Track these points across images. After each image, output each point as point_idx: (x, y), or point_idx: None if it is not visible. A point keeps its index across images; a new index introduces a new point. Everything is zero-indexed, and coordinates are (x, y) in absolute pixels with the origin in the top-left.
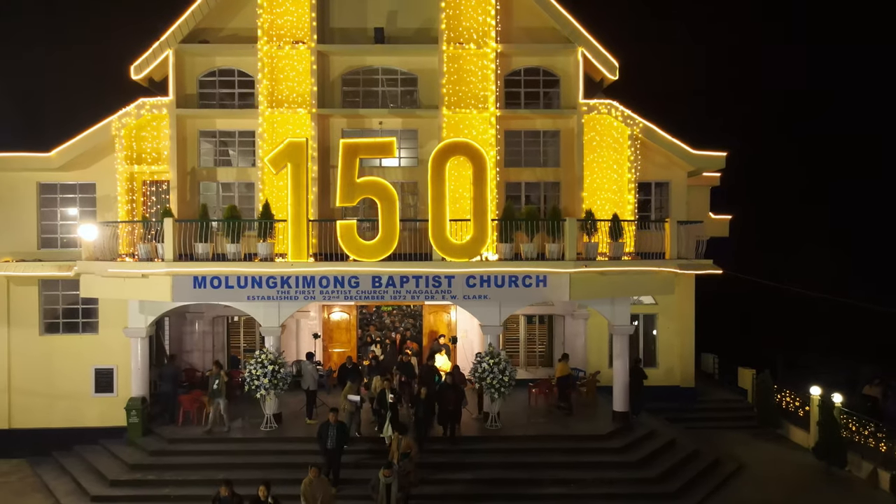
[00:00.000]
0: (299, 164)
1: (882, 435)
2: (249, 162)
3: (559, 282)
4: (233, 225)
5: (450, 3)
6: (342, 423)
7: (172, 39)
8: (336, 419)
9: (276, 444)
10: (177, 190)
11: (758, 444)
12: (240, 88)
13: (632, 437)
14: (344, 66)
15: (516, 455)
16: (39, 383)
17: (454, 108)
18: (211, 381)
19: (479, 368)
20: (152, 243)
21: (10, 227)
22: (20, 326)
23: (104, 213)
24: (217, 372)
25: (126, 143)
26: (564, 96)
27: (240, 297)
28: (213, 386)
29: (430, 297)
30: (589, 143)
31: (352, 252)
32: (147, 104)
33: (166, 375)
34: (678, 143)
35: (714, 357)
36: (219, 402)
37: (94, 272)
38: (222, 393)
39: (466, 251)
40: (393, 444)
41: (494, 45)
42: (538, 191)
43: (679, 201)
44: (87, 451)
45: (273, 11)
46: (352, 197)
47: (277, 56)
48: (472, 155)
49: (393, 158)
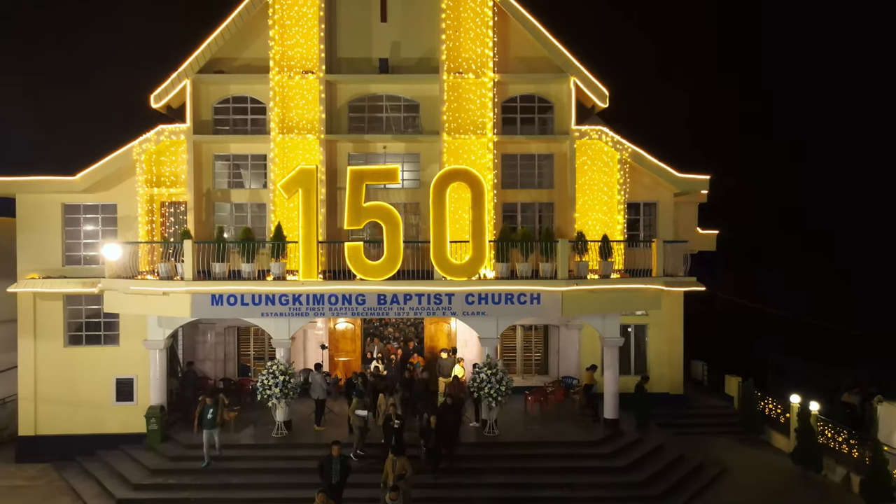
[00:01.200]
0: (310, 190)
1: (854, 442)
2: (261, 184)
3: (552, 299)
4: (248, 246)
5: (450, 36)
6: (345, 456)
7: (190, 70)
8: (339, 452)
9: (287, 450)
10: (193, 211)
11: (741, 449)
12: (252, 115)
13: (621, 443)
14: (350, 93)
15: (514, 461)
16: (64, 392)
17: (454, 134)
18: (205, 411)
19: (478, 379)
20: (172, 262)
21: (37, 245)
22: (46, 339)
23: (124, 232)
24: (213, 402)
25: (146, 167)
26: (558, 122)
27: (254, 313)
28: (208, 416)
29: (431, 313)
30: (581, 166)
31: (358, 272)
32: (166, 131)
33: (188, 382)
34: (664, 166)
35: (703, 364)
36: (212, 433)
37: (118, 289)
38: (216, 425)
39: (466, 271)
40: (388, 465)
41: (492, 75)
42: (533, 210)
43: (666, 220)
44: (110, 456)
45: (284, 43)
46: (359, 220)
47: (288, 85)
48: (471, 181)
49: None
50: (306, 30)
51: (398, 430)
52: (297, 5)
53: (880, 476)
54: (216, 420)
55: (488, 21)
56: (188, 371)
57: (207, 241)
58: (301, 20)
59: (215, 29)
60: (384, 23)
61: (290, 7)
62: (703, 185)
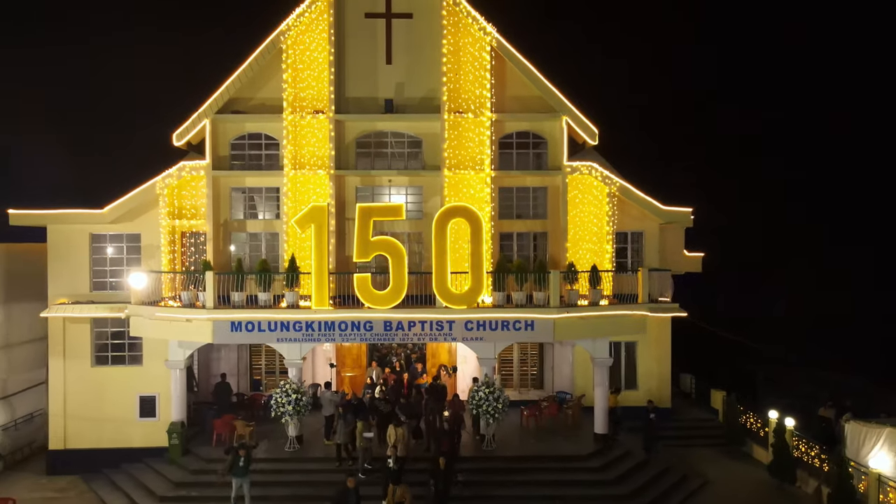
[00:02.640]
0: (321, 225)
1: (825, 456)
2: (274, 214)
3: (545, 325)
4: (264, 276)
5: (450, 78)
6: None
7: (209, 111)
8: (354, 483)
9: (300, 464)
10: (212, 241)
11: (723, 462)
12: (266, 150)
13: (610, 456)
14: (358, 130)
15: (510, 474)
16: (91, 409)
17: (454, 170)
18: (236, 461)
19: (476, 397)
20: (194, 290)
21: (67, 272)
22: (74, 359)
23: (147, 260)
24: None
25: (168, 201)
26: (551, 157)
27: (270, 338)
28: (240, 464)
29: (434, 338)
30: (573, 199)
31: (366, 300)
32: (187, 167)
33: (222, 391)
34: (650, 199)
35: (691, 377)
36: (242, 482)
37: (143, 315)
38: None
39: (465, 300)
40: (388, 494)
41: (490, 115)
42: (528, 239)
43: (652, 249)
44: (134, 469)
45: (296, 85)
46: (367, 253)
47: (300, 124)
48: (470, 217)
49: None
50: (317, 72)
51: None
52: (309, 50)
53: (846, 489)
54: (248, 468)
55: (486, 64)
56: (221, 382)
57: (227, 273)
58: (312, 64)
59: (233, 72)
60: (389, 65)
61: (303, 52)
62: (687, 216)
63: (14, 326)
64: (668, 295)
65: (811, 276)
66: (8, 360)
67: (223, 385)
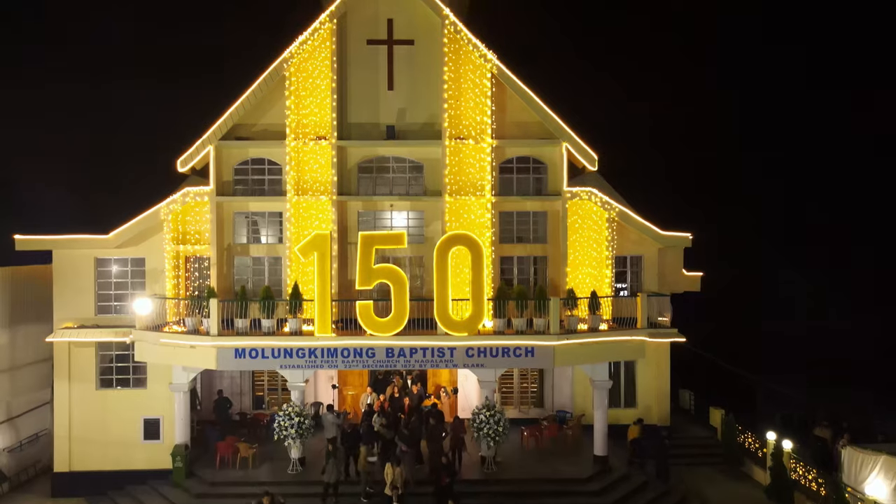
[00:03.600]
0: (324, 253)
1: (822, 480)
2: (277, 238)
3: (545, 352)
4: (268, 303)
5: (451, 104)
6: None
7: (213, 137)
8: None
9: (303, 487)
10: (216, 265)
11: (722, 482)
12: (269, 175)
13: (609, 479)
14: (360, 155)
15: (511, 497)
16: (96, 431)
17: (455, 196)
18: None
19: (477, 420)
20: (198, 317)
21: (72, 296)
22: (79, 382)
23: (152, 284)
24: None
25: (173, 226)
26: (551, 182)
27: (274, 365)
28: None
29: (435, 365)
30: (572, 224)
31: (369, 328)
32: (191, 193)
33: (221, 407)
34: (649, 225)
35: (690, 394)
36: None
37: (147, 340)
38: None
39: (466, 327)
40: None
41: (490, 141)
42: (528, 263)
43: (651, 273)
44: (139, 492)
45: (299, 112)
46: (369, 281)
47: (303, 151)
48: (471, 245)
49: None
50: (319, 99)
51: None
52: (312, 77)
53: None
54: None
55: (486, 91)
56: (220, 398)
57: (231, 300)
58: (315, 90)
59: (237, 98)
60: (391, 91)
61: (305, 79)
62: (685, 241)
63: (19, 349)
64: (668, 316)
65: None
66: (13, 383)
67: (222, 400)
